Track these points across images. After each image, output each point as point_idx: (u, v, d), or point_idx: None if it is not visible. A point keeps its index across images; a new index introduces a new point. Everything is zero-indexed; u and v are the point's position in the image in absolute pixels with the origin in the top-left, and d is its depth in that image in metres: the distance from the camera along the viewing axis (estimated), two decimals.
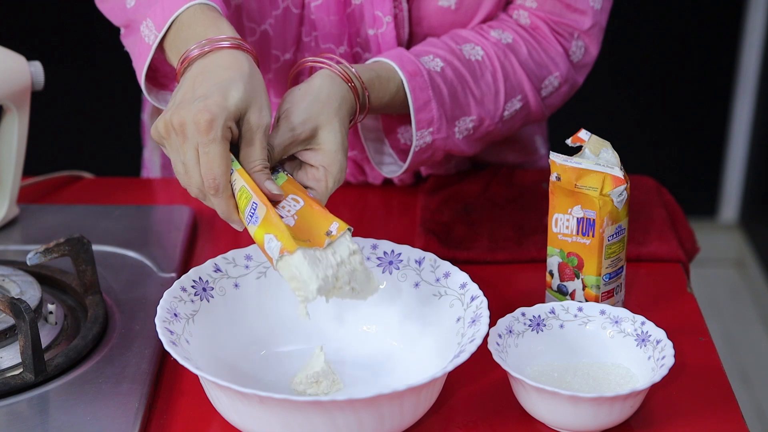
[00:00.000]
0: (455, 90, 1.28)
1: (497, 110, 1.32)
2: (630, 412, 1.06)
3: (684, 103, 3.03)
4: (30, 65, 1.33)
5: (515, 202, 1.43)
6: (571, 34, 1.35)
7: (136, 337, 1.17)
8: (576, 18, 1.34)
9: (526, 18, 1.35)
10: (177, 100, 1.08)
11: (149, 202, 1.49)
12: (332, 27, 1.32)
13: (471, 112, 1.29)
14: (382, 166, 1.32)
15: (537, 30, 1.34)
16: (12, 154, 1.36)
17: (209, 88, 1.07)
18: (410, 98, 1.24)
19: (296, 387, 1.10)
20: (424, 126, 1.26)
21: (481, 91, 1.30)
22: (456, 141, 1.29)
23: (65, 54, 2.82)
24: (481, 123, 1.31)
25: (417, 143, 1.26)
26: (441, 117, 1.26)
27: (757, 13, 2.93)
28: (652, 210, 1.41)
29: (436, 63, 1.27)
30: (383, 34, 1.32)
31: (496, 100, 1.31)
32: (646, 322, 1.12)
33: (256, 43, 1.36)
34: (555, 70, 1.35)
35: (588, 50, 1.38)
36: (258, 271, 1.17)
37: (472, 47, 1.31)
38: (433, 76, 1.26)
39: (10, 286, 1.20)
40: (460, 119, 1.29)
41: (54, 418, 1.07)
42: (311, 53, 1.35)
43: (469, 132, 1.30)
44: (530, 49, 1.33)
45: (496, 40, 1.32)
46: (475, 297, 1.11)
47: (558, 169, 1.18)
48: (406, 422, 1.04)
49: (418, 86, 1.25)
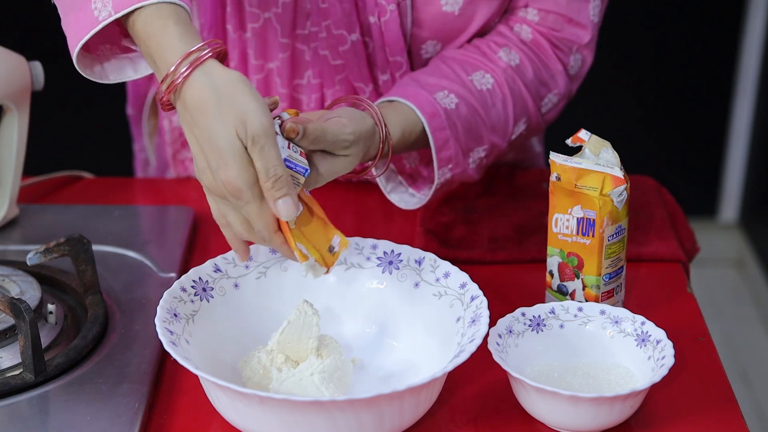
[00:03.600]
0: (469, 124, 1.29)
1: (506, 135, 1.33)
2: (630, 412, 1.06)
3: (684, 103, 3.03)
4: (30, 65, 1.33)
5: (515, 202, 1.43)
6: (570, 49, 1.36)
7: (136, 337, 1.17)
8: (576, 32, 1.35)
9: (528, 33, 1.35)
10: (198, 164, 1.05)
11: (149, 202, 1.49)
12: (344, 15, 1.32)
13: (483, 143, 1.31)
14: (392, 195, 1.33)
15: (539, 47, 1.35)
16: (12, 154, 1.36)
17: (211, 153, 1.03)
18: (431, 139, 1.25)
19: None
20: (444, 164, 1.27)
21: (492, 121, 1.31)
22: (470, 172, 1.31)
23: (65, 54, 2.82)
24: (492, 150, 1.32)
25: (438, 181, 1.28)
26: (458, 153, 1.28)
27: (757, 13, 2.93)
28: (652, 210, 1.41)
29: (451, 100, 1.28)
30: (387, 23, 1.32)
31: (505, 127, 1.33)
32: (646, 322, 1.12)
33: (259, 29, 1.35)
34: (554, 88, 1.36)
35: (585, 62, 1.38)
36: (258, 271, 1.17)
37: (482, 75, 1.31)
38: (450, 114, 1.27)
39: (10, 286, 1.20)
40: (474, 150, 1.30)
41: (54, 418, 1.07)
42: (322, 42, 1.35)
43: (481, 161, 1.32)
44: (534, 69, 1.34)
45: (506, 65, 1.33)
46: (475, 297, 1.11)
47: (558, 169, 1.18)
48: (406, 422, 1.04)
49: (438, 126, 1.26)
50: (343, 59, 1.35)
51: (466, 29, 1.34)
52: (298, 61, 1.38)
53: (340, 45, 1.34)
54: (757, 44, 2.95)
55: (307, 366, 1.07)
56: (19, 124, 1.35)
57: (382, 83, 1.36)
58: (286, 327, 1.10)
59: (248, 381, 1.09)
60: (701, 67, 2.99)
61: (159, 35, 1.06)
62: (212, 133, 1.02)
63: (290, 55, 1.37)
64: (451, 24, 1.33)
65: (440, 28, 1.33)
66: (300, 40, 1.36)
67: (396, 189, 1.33)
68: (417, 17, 1.33)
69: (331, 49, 1.35)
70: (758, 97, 2.99)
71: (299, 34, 1.36)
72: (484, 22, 1.34)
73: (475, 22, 1.34)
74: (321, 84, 1.39)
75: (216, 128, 1.02)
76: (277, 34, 1.35)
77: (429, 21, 1.33)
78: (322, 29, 1.34)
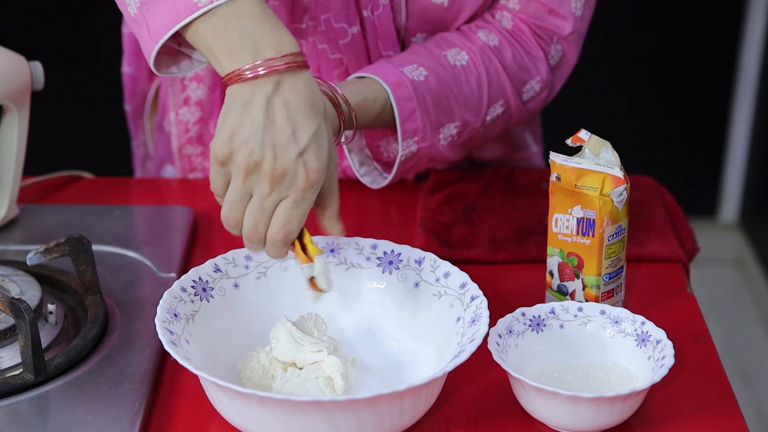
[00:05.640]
0: (439, 97, 1.28)
1: (479, 115, 1.32)
2: (630, 412, 1.06)
3: (684, 103, 3.03)
4: (30, 65, 1.33)
5: (515, 202, 1.43)
6: (551, 38, 1.36)
7: (136, 337, 1.17)
8: (557, 23, 1.35)
9: (509, 21, 1.35)
10: (265, 139, 1.02)
11: (149, 202, 1.49)
12: (343, 7, 1.32)
13: (455, 119, 1.30)
14: (365, 177, 1.32)
15: (520, 33, 1.35)
16: (12, 154, 1.36)
17: (302, 138, 1.02)
18: (396, 109, 1.25)
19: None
20: (409, 135, 1.26)
21: (465, 96, 1.30)
22: (440, 148, 1.30)
23: (65, 54, 2.82)
24: (464, 128, 1.31)
25: (403, 153, 1.27)
26: (426, 125, 1.27)
27: (757, 13, 2.93)
28: (652, 210, 1.41)
29: (420, 72, 1.28)
30: (380, 17, 1.32)
31: (479, 105, 1.32)
32: (646, 322, 1.12)
33: None
34: (536, 75, 1.36)
35: (566, 56, 1.38)
36: (258, 271, 1.17)
37: (458, 52, 1.31)
38: (417, 86, 1.27)
39: (10, 286, 1.20)
40: (445, 126, 1.29)
41: (54, 418, 1.07)
42: (321, 36, 1.35)
43: (453, 138, 1.31)
44: (514, 53, 1.34)
45: (483, 44, 1.33)
46: (475, 297, 1.11)
47: (558, 169, 1.18)
48: (406, 422, 1.04)
49: (403, 97, 1.25)
50: (342, 53, 1.35)
51: (455, 21, 1.35)
52: None
53: (340, 38, 1.34)
54: (757, 44, 2.95)
55: (313, 369, 1.07)
56: (19, 124, 1.35)
57: None
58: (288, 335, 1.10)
59: (247, 381, 1.09)
60: (701, 66, 2.99)
61: (275, 20, 1.06)
62: (319, 129, 1.03)
63: None
64: (440, 15, 1.34)
65: (430, 19, 1.34)
66: (297, 34, 1.36)
67: (369, 173, 1.33)
68: (407, 9, 1.33)
69: (330, 43, 1.35)
70: (758, 97, 2.99)
71: (297, 28, 1.36)
72: (471, 14, 1.35)
73: (463, 14, 1.34)
74: (318, 78, 1.39)
75: (324, 129, 1.04)
76: None
77: (419, 13, 1.34)
78: (320, 23, 1.34)
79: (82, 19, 2.72)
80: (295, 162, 1.02)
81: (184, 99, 1.48)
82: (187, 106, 1.48)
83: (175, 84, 1.48)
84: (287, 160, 1.02)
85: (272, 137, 1.02)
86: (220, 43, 1.05)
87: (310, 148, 1.03)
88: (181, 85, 1.48)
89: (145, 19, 1.10)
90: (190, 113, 1.48)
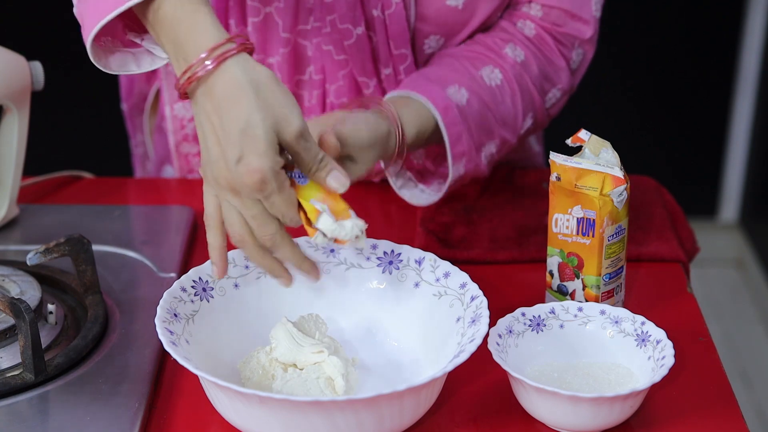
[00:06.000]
0: (481, 119, 1.30)
1: (516, 131, 1.34)
2: (630, 412, 1.06)
3: (684, 103, 3.03)
4: (30, 65, 1.33)
5: (515, 202, 1.43)
6: (572, 44, 1.36)
7: (136, 337, 1.17)
8: (579, 27, 1.35)
9: (531, 29, 1.35)
10: (212, 155, 1.03)
11: (149, 202, 1.49)
12: (348, 9, 1.32)
13: (494, 137, 1.32)
14: (403, 191, 1.33)
15: (543, 43, 1.35)
16: (12, 154, 1.36)
17: (233, 140, 1.01)
18: (445, 134, 1.26)
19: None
20: (458, 159, 1.28)
21: (502, 115, 1.32)
22: (482, 167, 1.31)
23: (65, 54, 2.82)
24: (503, 146, 1.34)
25: (453, 177, 1.28)
26: (471, 148, 1.29)
27: (757, 13, 2.93)
28: (652, 210, 1.41)
29: (462, 94, 1.29)
30: (391, 15, 1.32)
31: (515, 123, 1.34)
32: (646, 322, 1.12)
33: (259, 24, 1.35)
34: (558, 83, 1.37)
35: (586, 57, 1.39)
36: (258, 271, 1.17)
37: (491, 70, 1.32)
38: (462, 109, 1.28)
39: (10, 286, 1.20)
40: (486, 145, 1.31)
41: (54, 418, 1.07)
42: (326, 38, 1.35)
43: (492, 156, 1.33)
44: (539, 65, 1.35)
45: (513, 61, 1.33)
46: (475, 297, 1.11)
47: (558, 169, 1.18)
48: (406, 422, 1.04)
49: (451, 122, 1.27)
50: (348, 54, 1.35)
51: (468, 23, 1.35)
52: (300, 56, 1.38)
53: (345, 39, 1.34)
54: (757, 44, 2.95)
55: (313, 369, 1.07)
56: (19, 124, 1.35)
57: (384, 77, 1.37)
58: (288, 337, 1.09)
59: (247, 381, 1.09)
60: (701, 67, 2.99)
61: (191, 20, 1.04)
62: (248, 122, 1.00)
63: (291, 50, 1.37)
64: (454, 18, 1.34)
65: (444, 22, 1.34)
66: (302, 35, 1.36)
67: (406, 185, 1.33)
68: (421, 12, 1.33)
69: (335, 44, 1.35)
70: (758, 97, 2.99)
71: (301, 29, 1.36)
72: (486, 17, 1.35)
73: (477, 17, 1.34)
74: (323, 80, 1.39)
75: (254, 118, 1.00)
76: (278, 28, 1.35)
77: (433, 15, 1.33)
78: (326, 24, 1.34)
79: None
80: (237, 169, 1.01)
81: None
82: (181, 101, 1.48)
83: (170, 78, 1.48)
84: (230, 170, 1.02)
85: (215, 152, 1.03)
86: (163, 46, 1.07)
87: (245, 146, 1.01)
88: (176, 80, 1.48)
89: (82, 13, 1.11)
90: (185, 109, 1.48)
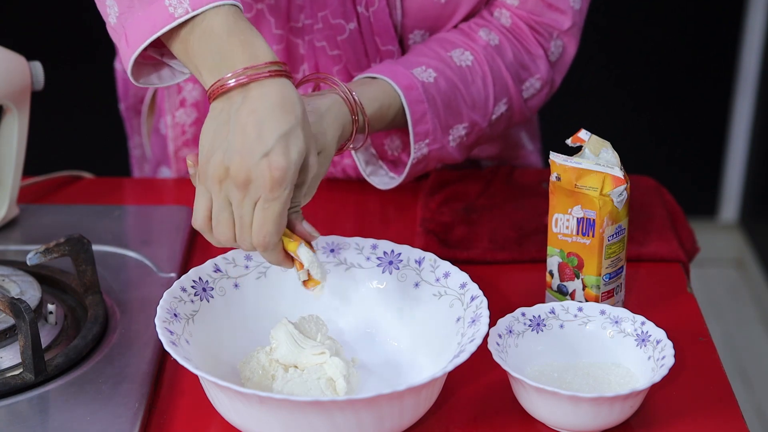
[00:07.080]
0: (448, 99, 1.28)
1: (486, 115, 1.32)
2: (630, 412, 1.06)
3: (684, 102, 3.03)
4: (30, 65, 1.33)
5: (515, 202, 1.43)
6: (550, 34, 1.36)
7: (136, 337, 1.17)
8: (556, 17, 1.35)
9: (508, 18, 1.35)
10: (233, 145, 1.02)
11: (149, 202, 1.49)
12: (339, 4, 1.32)
13: (463, 120, 1.30)
14: (372, 177, 1.32)
15: (519, 31, 1.35)
16: (12, 154, 1.36)
17: (269, 138, 1.01)
18: (408, 111, 1.25)
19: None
20: (421, 138, 1.26)
21: (472, 97, 1.31)
22: (449, 149, 1.30)
23: (65, 54, 2.82)
24: (472, 129, 1.32)
25: (414, 155, 1.27)
26: (436, 128, 1.27)
27: (757, 13, 2.93)
28: (652, 210, 1.41)
29: (429, 74, 1.28)
30: (375, 12, 1.32)
31: (485, 105, 1.32)
32: (646, 322, 1.12)
33: (251, 20, 1.34)
34: (536, 72, 1.36)
35: (566, 49, 1.38)
36: (258, 271, 1.17)
37: (462, 52, 1.32)
38: (427, 88, 1.27)
39: (10, 286, 1.20)
40: (454, 127, 1.29)
41: (54, 418, 1.07)
42: (318, 34, 1.35)
43: (461, 139, 1.31)
44: (515, 52, 1.34)
45: (485, 43, 1.33)
46: (475, 297, 1.11)
47: (558, 169, 1.18)
48: (406, 422, 1.04)
49: (414, 99, 1.25)
50: (341, 49, 1.35)
51: (452, 17, 1.35)
52: (293, 54, 1.38)
53: (338, 35, 1.34)
54: (757, 44, 2.95)
55: (314, 370, 1.07)
56: (19, 124, 1.35)
57: None
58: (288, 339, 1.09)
59: (247, 381, 1.09)
60: (701, 67, 2.99)
61: (246, 35, 1.05)
62: (291, 132, 1.02)
63: (284, 48, 1.37)
64: (437, 12, 1.34)
65: (426, 16, 1.34)
66: (294, 32, 1.36)
67: (376, 172, 1.33)
68: (404, 6, 1.33)
69: (329, 40, 1.35)
70: (758, 97, 2.99)
71: (293, 26, 1.36)
72: (468, 11, 1.35)
73: (460, 11, 1.35)
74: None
75: (297, 132, 1.02)
76: (270, 26, 1.35)
77: (416, 10, 1.34)
78: (318, 20, 1.34)
79: (82, 19, 2.72)
80: (259, 161, 1.01)
81: (180, 101, 1.48)
82: (183, 107, 1.48)
83: (171, 86, 1.48)
84: (251, 160, 1.01)
85: (240, 143, 1.02)
86: (197, 57, 1.06)
87: (278, 146, 1.01)
88: (177, 86, 1.48)
89: (124, 29, 1.10)
90: (186, 115, 1.48)
